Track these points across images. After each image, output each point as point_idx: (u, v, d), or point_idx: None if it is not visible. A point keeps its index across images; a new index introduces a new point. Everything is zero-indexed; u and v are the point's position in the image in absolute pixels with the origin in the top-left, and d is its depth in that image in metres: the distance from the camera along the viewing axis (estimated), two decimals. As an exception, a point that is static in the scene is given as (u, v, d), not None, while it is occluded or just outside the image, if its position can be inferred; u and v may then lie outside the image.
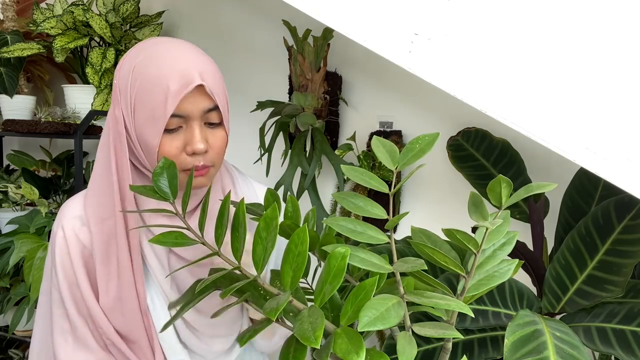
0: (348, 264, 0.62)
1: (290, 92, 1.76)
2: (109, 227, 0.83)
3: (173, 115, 0.78)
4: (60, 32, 1.82)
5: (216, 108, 0.82)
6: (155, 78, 0.78)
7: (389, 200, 0.72)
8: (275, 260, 0.97)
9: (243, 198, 0.71)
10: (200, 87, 0.79)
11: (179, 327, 0.89)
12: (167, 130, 0.79)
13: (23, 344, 2.07)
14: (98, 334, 0.85)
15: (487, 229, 0.70)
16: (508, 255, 0.75)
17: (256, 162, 1.66)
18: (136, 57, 0.82)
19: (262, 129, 1.61)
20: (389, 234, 0.71)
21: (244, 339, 0.66)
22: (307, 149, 1.64)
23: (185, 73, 0.78)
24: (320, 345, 0.56)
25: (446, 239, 0.74)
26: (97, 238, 0.84)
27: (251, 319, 0.94)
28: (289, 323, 0.70)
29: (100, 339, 0.85)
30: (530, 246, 1.25)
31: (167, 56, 0.80)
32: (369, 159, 1.65)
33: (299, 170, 1.61)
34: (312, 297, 0.83)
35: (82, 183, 1.81)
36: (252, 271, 0.70)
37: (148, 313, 0.85)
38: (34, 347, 0.93)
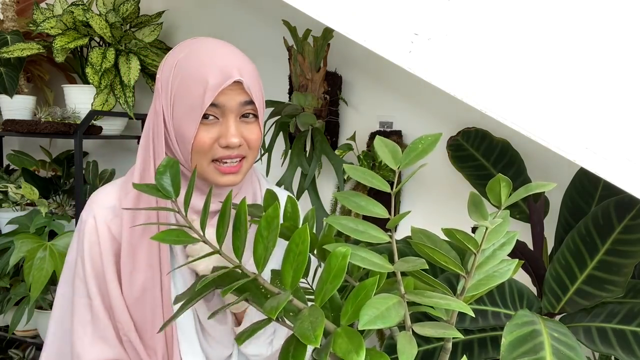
0: (348, 263, 0.62)
1: (290, 92, 1.76)
2: (143, 217, 0.85)
3: (210, 105, 0.81)
4: (60, 32, 1.82)
5: (252, 102, 0.84)
6: (195, 72, 0.82)
7: (390, 200, 0.72)
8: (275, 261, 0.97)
9: (244, 198, 0.71)
10: (238, 83, 0.82)
11: (198, 328, 0.90)
12: (204, 120, 0.82)
13: (23, 344, 2.07)
14: (117, 328, 0.85)
15: (486, 228, 0.70)
16: (508, 255, 0.75)
17: (256, 162, 1.66)
18: (180, 53, 0.85)
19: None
20: (389, 233, 0.71)
21: (242, 338, 0.66)
22: (307, 149, 1.64)
23: (224, 69, 0.81)
24: (320, 345, 0.56)
25: (446, 238, 0.74)
26: (128, 226, 0.85)
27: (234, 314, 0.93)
28: (288, 322, 0.70)
29: (119, 334, 0.85)
30: (530, 246, 1.25)
31: (208, 53, 0.84)
32: (369, 159, 1.65)
33: (299, 170, 1.61)
34: (312, 296, 0.83)
35: (82, 183, 1.81)
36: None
37: (171, 306, 0.86)
38: (49, 336, 0.93)
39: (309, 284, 0.94)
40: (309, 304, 0.66)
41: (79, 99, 1.90)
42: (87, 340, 0.85)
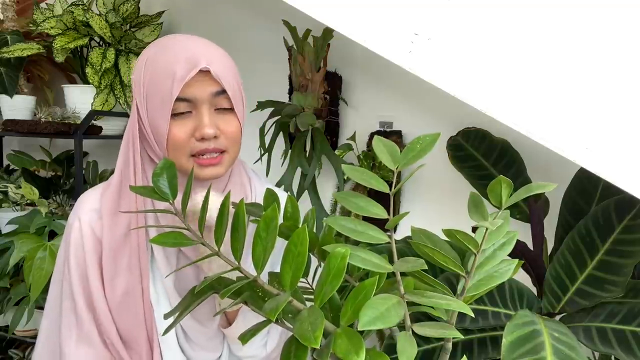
0: (347, 263, 0.62)
1: (290, 92, 1.76)
2: (123, 220, 0.84)
3: (180, 99, 0.79)
4: (60, 32, 1.82)
5: (224, 92, 0.82)
6: (164, 66, 0.80)
7: (389, 200, 0.72)
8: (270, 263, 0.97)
9: (242, 198, 0.71)
10: (207, 73, 0.80)
11: (179, 333, 0.90)
12: (176, 116, 0.81)
13: (23, 344, 2.07)
14: (101, 330, 0.85)
15: (487, 229, 0.70)
16: (508, 255, 0.75)
17: (256, 162, 1.66)
18: (150, 50, 0.85)
19: (262, 129, 1.61)
20: (389, 233, 0.71)
21: (245, 337, 0.66)
22: (307, 149, 1.64)
23: (191, 59, 0.80)
24: (321, 346, 0.56)
25: (446, 239, 0.74)
26: (108, 231, 0.84)
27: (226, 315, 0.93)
28: (288, 324, 0.70)
29: (103, 336, 0.85)
30: (531, 246, 1.25)
31: (177, 46, 0.83)
32: (369, 159, 1.64)
33: (299, 170, 1.61)
34: (312, 296, 0.83)
35: (82, 183, 1.81)
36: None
37: (152, 310, 0.86)
38: (41, 338, 0.93)
39: (309, 283, 0.94)
40: (308, 304, 0.66)
41: (79, 99, 1.90)
42: (73, 342, 0.85)
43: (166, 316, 0.76)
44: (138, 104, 0.85)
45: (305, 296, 0.83)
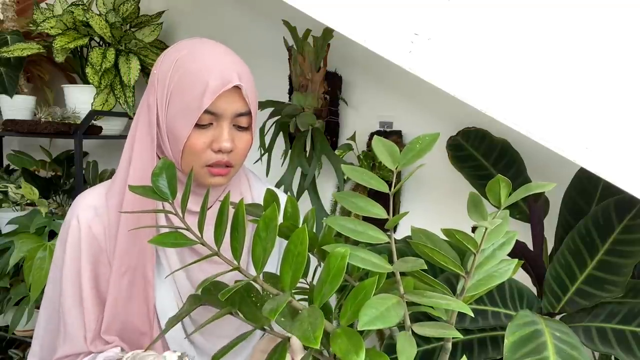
0: (347, 263, 0.62)
1: (290, 92, 1.76)
2: (131, 215, 0.84)
3: (206, 112, 0.80)
4: (60, 32, 1.82)
5: (248, 113, 0.84)
6: (196, 72, 0.81)
7: (389, 200, 0.72)
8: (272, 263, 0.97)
9: (242, 199, 0.71)
10: (237, 90, 0.81)
11: (187, 324, 0.90)
12: (198, 126, 0.82)
13: (23, 344, 2.07)
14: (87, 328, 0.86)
15: (486, 228, 0.70)
16: (508, 255, 0.75)
17: (256, 162, 1.66)
18: (180, 51, 0.84)
19: (262, 129, 1.61)
20: (389, 233, 0.71)
21: (217, 355, 0.66)
22: (307, 149, 1.64)
23: (225, 73, 0.80)
24: (320, 345, 0.56)
25: (446, 238, 0.74)
26: (114, 227, 0.85)
27: None
28: (277, 329, 0.69)
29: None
30: (530, 246, 1.25)
31: (210, 54, 0.83)
32: (369, 159, 1.64)
33: (299, 170, 1.61)
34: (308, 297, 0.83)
35: (82, 183, 1.81)
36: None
37: (155, 308, 0.87)
38: (39, 332, 0.94)
39: (308, 284, 0.93)
40: (304, 304, 0.66)
41: (79, 99, 1.90)
42: (62, 337, 0.87)
43: (169, 322, 0.76)
44: (158, 102, 0.84)
45: (300, 296, 0.83)
